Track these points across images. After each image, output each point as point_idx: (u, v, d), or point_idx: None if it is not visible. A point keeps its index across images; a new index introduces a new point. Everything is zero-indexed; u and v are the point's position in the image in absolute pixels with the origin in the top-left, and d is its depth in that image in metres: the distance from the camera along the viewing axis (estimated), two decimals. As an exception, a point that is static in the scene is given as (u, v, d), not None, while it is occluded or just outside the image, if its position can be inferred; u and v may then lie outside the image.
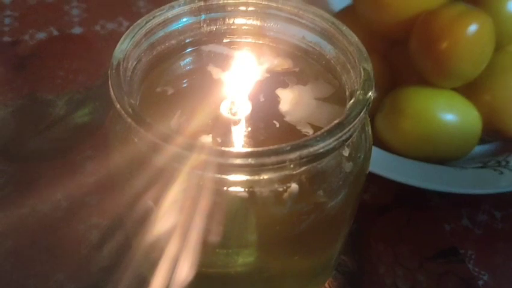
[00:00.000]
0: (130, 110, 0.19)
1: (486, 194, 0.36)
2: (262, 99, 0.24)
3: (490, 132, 0.37)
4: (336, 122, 0.19)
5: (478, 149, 0.38)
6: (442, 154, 0.36)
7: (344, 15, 0.42)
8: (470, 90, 0.36)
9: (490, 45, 0.34)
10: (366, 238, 0.34)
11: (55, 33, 0.47)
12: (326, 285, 0.31)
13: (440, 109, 0.35)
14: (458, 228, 0.35)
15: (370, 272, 0.32)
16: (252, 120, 0.23)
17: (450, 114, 0.35)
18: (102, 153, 0.36)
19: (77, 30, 0.48)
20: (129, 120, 0.19)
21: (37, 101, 0.41)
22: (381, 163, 0.34)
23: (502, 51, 0.37)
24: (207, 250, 0.21)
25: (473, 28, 0.33)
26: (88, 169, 0.36)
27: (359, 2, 0.39)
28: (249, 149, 0.18)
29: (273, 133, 0.23)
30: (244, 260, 0.23)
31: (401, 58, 0.38)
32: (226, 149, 0.18)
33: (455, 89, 0.36)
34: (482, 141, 0.37)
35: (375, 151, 0.35)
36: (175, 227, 0.21)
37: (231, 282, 0.24)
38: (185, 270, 0.22)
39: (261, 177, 0.19)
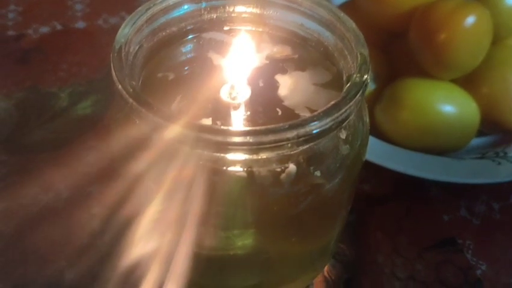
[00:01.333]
0: (131, 90, 0.19)
1: (484, 185, 0.36)
2: (261, 84, 0.25)
3: (488, 124, 0.37)
4: (333, 102, 0.19)
5: (476, 141, 0.38)
6: (440, 145, 0.36)
7: (345, 9, 0.42)
8: (469, 82, 0.37)
9: (487, 37, 0.35)
10: (365, 228, 0.34)
11: (58, 27, 0.48)
12: (325, 273, 0.31)
13: (439, 101, 0.35)
14: (457, 218, 0.35)
15: (369, 261, 0.32)
16: (251, 104, 0.23)
17: (448, 105, 0.35)
18: (104, 144, 0.37)
19: (80, 24, 0.48)
20: (130, 100, 0.19)
21: (40, 94, 0.41)
22: (380, 153, 0.34)
23: (500, 44, 0.37)
24: (206, 231, 0.21)
25: (470, 20, 0.34)
26: (89, 160, 0.36)
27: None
28: (248, 128, 0.18)
29: (271, 117, 0.23)
30: (243, 242, 0.23)
31: (401, 50, 0.39)
32: (225, 127, 0.18)
33: (453, 81, 0.37)
34: (480, 133, 0.38)
35: (375, 142, 0.35)
36: (175, 208, 0.21)
37: (230, 264, 0.24)
38: (185, 252, 0.22)
39: (260, 157, 0.19)
